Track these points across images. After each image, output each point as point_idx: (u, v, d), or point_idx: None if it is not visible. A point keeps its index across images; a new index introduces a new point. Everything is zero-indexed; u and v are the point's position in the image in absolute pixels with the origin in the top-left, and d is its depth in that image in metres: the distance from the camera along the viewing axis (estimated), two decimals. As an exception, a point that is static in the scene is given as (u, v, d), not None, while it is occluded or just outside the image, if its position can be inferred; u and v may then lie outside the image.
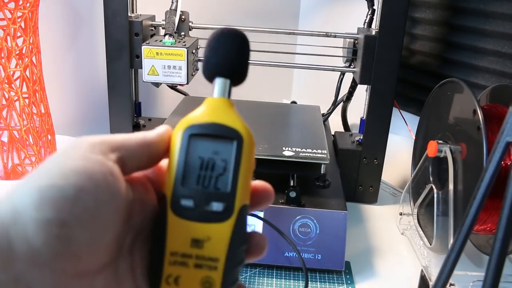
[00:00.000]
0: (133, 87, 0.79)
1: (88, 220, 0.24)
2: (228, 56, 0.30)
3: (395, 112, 0.78)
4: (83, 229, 0.24)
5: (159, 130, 0.30)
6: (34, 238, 0.23)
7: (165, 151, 0.30)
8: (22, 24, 0.69)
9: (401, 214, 0.74)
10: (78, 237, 0.24)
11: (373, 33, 0.73)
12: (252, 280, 0.60)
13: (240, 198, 0.28)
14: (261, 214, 0.61)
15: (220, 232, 0.28)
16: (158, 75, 0.72)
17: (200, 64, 0.81)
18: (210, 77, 0.31)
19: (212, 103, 0.30)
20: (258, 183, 0.31)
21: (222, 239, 0.28)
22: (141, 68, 0.73)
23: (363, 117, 0.81)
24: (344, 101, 0.92)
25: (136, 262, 0.29)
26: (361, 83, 0.75)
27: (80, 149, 0.26)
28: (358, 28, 0.81)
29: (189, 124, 0.29)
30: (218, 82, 0.30)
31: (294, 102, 1.07)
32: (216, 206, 0.28)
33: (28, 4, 0.68)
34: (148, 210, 0.30)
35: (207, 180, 0.28)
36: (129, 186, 0.28)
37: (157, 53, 0.71)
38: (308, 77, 1.22)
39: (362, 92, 0.81)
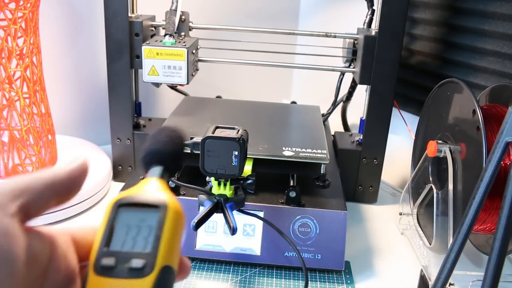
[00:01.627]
0: (133, 87, 0.80)
1: None
2: (162, 149, 0.35)
3: (395, 112, 0.78)
4: None
5: (70, 166, 0.29)
6: None
7: (76, 187, 0.29)
8: (23, 25, 0.69)
9: (400, 214, 0.74)
10: None
11: (373, 33, 0.74)
12: (252, 280, 0.61)
13: (162, 258, 0.29)
14: (261, 214, 0.61)
15: (138, 287, 0.28)
16: (158, 75, 0.72)
17: (200, 65, 0.81)
18: (147, 166, 0.35)
19: (144, 181, 0.34)
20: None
21: None
22: (141, 68, 0.73)
23: (363, 117, 0.81)
24: (344, 101, 0.92)
25: None
26: (360, 83, 0.76)
27: None
28: (358, 29, 0.81)
29: (120, 197, 0.31)
30: (153, 168, 0.35)
31: (294, 102, 1.07)
32: (136, 263, 0.28)
33: (28, 5, 0.68)
34: (71, 267, 0.29)
35: (131, 243, 0.29)
36: (42, 244, 0.27)
37: (157, 53, 0.71)
38: (308, 77, 1.22)
39: (362, 92, 0.81)
